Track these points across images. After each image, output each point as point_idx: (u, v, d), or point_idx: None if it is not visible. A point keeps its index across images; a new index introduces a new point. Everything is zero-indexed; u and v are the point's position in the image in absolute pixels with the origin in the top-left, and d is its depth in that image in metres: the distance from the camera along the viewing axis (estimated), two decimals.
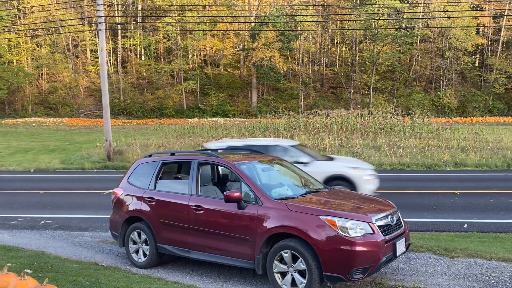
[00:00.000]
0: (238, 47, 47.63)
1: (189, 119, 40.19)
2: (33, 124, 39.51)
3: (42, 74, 47.50)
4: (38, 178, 16.03)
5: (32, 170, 18.16)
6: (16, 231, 8.60)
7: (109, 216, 6.75)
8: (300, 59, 49.72)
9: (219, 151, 6.81)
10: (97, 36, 43.49)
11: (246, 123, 32.42)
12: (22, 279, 3.62)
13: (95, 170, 17.83)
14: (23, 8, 46.67)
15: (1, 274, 3.86)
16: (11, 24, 45.21)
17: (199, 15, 46.92)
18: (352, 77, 46.44)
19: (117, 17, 47.80)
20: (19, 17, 47.26)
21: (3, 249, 6.90)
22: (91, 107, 45.72)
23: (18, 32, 45.84)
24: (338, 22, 46.96)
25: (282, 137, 22.07)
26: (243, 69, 49.42)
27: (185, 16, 47.30)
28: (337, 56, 51.68)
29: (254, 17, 44.57)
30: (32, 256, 6.57)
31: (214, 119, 39.94)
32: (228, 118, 40.93)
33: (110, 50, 46.17)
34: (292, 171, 6.33)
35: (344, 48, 52.35)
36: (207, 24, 45.54)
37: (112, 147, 19.81)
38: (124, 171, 17.33)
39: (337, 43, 51.83)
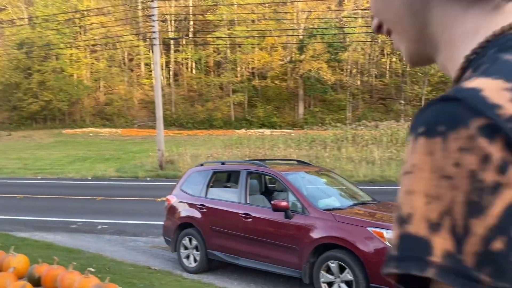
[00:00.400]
0: (286, 59, 48.01)
1: (237, 130, 40.84)
2: (90, 134, 41.64)
3: (99, 87, 50.10)
4: (95, 186, 16.90)
5: (89, 178, 19.18)
6: (76, 234, 9.16)
7: (161, 223, 7.07)
8: (349, 70, 49.29)
9: (266, 161, 6.97)
10: (151, 50, 45.42)
11: (292, 134, 32.51)
12: (86, 277, 3.93)
13: (148, 179, 18.54)
14: (83, 25, 49.58)
15: (67, 272, 4.20)
16: (73, 40, 48.13)
17: (248, 29, 47.82)
18: (402, 88, 45.40)
19: (170, 32, 49.68)
20: (80, 34, 50.23)
21: (65, 250, 7.39)
22: (144, 118, 47.58)
23: (79, 47, 48.72)
24: None
25: (329, 149, 21.94)
26: (290, 81, 49.66)
27: (234, 30, 48.38)
28: (387, 67, 50.74)
29: (302, 29, 44.84)
30: (91, 257, 6.99)
31: (261, 130, 40.33)
32: (275, 130, 41.18)
33: (163, 64, 47.96)
34: (340, 182, 6.37)
35: (394, 59, 51.33)
36: (255, 37, 46.31)
37: (164, 156, 20.53)
38: (175, 180, 17.82)
39: (387, 53, 50.94)
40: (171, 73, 50.12)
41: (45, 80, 43.40)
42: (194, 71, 51.44)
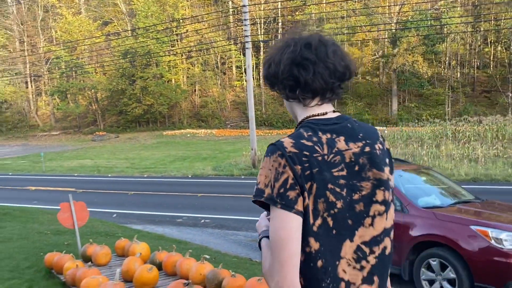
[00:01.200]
0: (378, 54, 46.54)
1: None
2: (188, 135, 44.22)
3: (195, 90, 52.97)
4: (195, 183, 18.07)
5: (189, 176, 20.51)
6: (182, 227, 10.00)
7: (258, 219, 7.49)
8: (447, 62, 46.36)
9: None
10: (242, 54, 46.87)
11: (385, 131, 31.52)
12: (202, 263, 4.40)
13: (242, 177, 19.34)
14: (180, 33, 52.79)
15: (184, 258, 4.74)
16: (171, 48, 51.49)
17: (338, 25, 47.22)
18: (509, 80, 41.55)
19: (259, 35, 50.88)
20: (177, 41, 53.54)
21: (175, 242, 8.14)
22: (236, 119, 49.36)
23: (176, 54, 51.98)
24: (492, 20, 42.59)
25: (426, 147, 20.97)
26: (383, 76, 48.05)
27: (323, 28, 48.08)
28: (491, 57, 46.79)
29: (394, 23, 43.14)
30: (198, 248, 7.62)
31: None
32: None
33: (253, 66, 49.31)
34: (440, 181, 6.23)
35: (499, 48, 47.18)
36: (345, 34, 45.58)
37: (257, 155, 21.24)
38: None
39: (490, 42, 46.98)
40: (261, 74, 51.35)
41: (147, 86, 46.96)
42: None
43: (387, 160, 1.40)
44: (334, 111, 1.42)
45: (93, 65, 53.43)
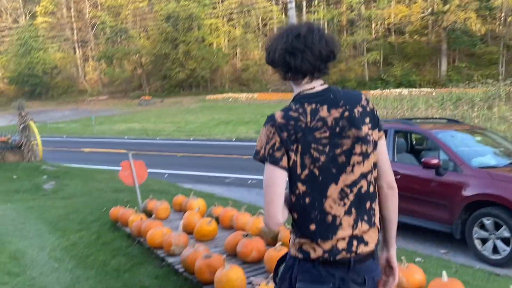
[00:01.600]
0: (427, 11, 44.28)
1: (372, 91, 39.63)
2: (229, 99, 44.62)
3: (236, 53, 52.87)
4: (239, 146, 18.41)
5: (233, 139, 20.91)
6: (231, 187, 10.36)
7: None
8: (503, 18, 43.48)
9: (414, 120, 6.95)
10: (284, 14, 45.93)
11: (433, 93, 30.43)
12: (257, 217, 4.64)
13: None
14: None
15: (240, 213, 4.99)
16: (212, 10, 51.24)
17: None
18: None
19: None
20: (218, 3, 53.13)
21: (225, 200, 8.50)
22: (277, 82, 49.03)
23: (217, 17, 51.71)
24: None
25: (477, 110, 20.16)
26: (432, 35, 45.87)
27: None
28: None
29: None
30: (249, 206, 7.87)
31: (398, 90, 38.49)
32: (414, 89, 38.93)
33: None
34: (495, 141, 6.10)
35: None
36: None
37: None
38: None
39: None
40: None
41: (190, 50, 47.34)
42: (326, 31, 50.81)
43: (368, 119, 1.74)
44: (322, 84, 1.78)
45: (137, 30, 54.19)
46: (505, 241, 4.67)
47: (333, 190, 1.69)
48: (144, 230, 5.07)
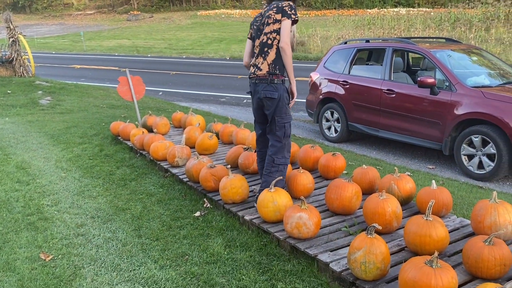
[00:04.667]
0: None
1: (369, 10, 38.41)
2: (222, 16, 43.05)
3: None
4: (233, 65, 18.21)
5: (227, 58, 20.59)
6: (226, 106, 10.46)
7: (298, 100, 7.71)
8: None
9: (412, 39, 6.92)
10: None
11: (432, 13, 29.64)
12: None
13: None
14: None
15: (240, 129, 5.15)
16: None
17: None
18: None
19: None
20: None
21: (222, 118, 8.65)
22: None
23: None
24: None
25: (475, 31, 19.85)
26: None
27: None
28: None
29: None
30: (246, 124, 8.09)
31: (396, 9, 37.35)
32: (412, 8, 37.77)
33: None
34: (490, 61, 6.17)
35: None
36: None
37: (295, 37, 20.80)
38: (306, 61, 18.16)
39: None
40: None
41: None
42: None
43: (275, 11, 3.35)
44: None
45: None
46: (491, 157, 4.94)
47: (256, 43, 3.50)
48: (147, 143, 5.24)
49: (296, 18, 3.31)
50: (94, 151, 5.94)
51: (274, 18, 3.31)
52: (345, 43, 7.24)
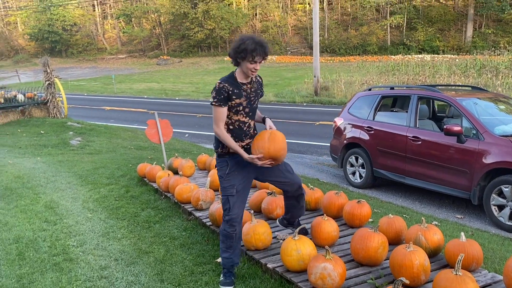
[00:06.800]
0: None
1: (393, 56, 38.82)
2: None
3: (256, 14, 51.85)
4: (261, 109, 18.46)
5: None
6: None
7: (321, 144, 7.73)
8: None
9: (437, 87, 6.94)
10: None
11: (457, 60, 29.70)
12: None
13: (304, 104, 19.48)
14: None
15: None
16: None
17: None
18: None
19: None
20: None
21: None
22: (297, 45, 48.27)
23: None
24: None
25: (502, 78, 19.72)
26: None
27: None
28: None
29: None
30: None
31: (420, 56, 37.62)
32: (436, 55, 37.97)
33: None
34: None
35: None
36: None
37: (319, 83, 21.10)
38: (330, 106, 18.29)
39: None
40: None
41: (209, 9, 46.56)
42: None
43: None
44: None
45: None
46: None
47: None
48: (172, 185, 5.31)
49: (213, 103, 3.08)
50: (120, 192, 6.05)
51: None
52: (369, 89, 7.31)
